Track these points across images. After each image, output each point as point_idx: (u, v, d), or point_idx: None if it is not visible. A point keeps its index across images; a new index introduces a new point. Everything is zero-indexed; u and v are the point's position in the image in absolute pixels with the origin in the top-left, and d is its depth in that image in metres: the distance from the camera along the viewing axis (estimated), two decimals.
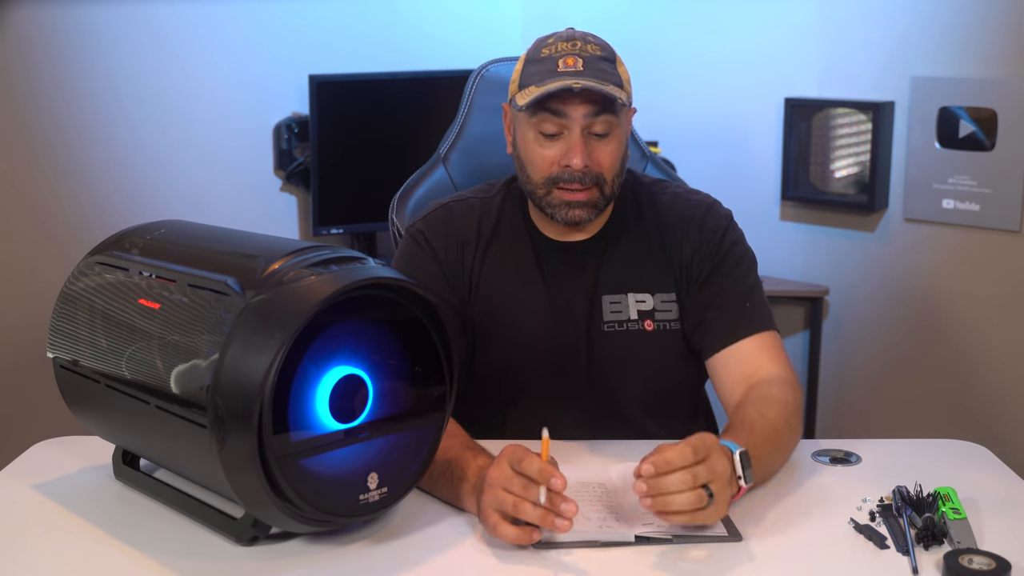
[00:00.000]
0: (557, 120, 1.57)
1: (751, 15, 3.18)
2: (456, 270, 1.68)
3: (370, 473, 1.28)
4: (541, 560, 1.26)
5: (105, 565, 1.27)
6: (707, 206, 1.71)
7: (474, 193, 1.76)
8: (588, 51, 1.58)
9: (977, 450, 1.60)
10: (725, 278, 1.65)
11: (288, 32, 3.12)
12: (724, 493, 1.27)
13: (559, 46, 1.59)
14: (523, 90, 1.58)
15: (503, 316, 1.67)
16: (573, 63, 1.56)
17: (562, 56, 1.57)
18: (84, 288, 1.45)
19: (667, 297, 1.67)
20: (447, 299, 1.65)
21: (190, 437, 1.24)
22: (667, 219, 1.69)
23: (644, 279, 1.67)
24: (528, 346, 1.66)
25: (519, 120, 1.62)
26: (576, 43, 1.59)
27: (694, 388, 1.76)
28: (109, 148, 2.85)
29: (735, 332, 1.62)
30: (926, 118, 2.84)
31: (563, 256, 1.68)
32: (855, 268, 3.08)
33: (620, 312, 1.66)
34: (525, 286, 1.67)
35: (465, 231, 1.69)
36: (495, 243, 1.69)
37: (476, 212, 1.71)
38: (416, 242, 1.70)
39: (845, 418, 3.15)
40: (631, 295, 1.67)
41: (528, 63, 1.61)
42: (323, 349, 1.24)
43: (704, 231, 1.67)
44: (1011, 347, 2.78)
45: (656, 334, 1.66)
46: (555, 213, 1.61)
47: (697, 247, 1.67)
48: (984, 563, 1.20)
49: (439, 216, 1.71)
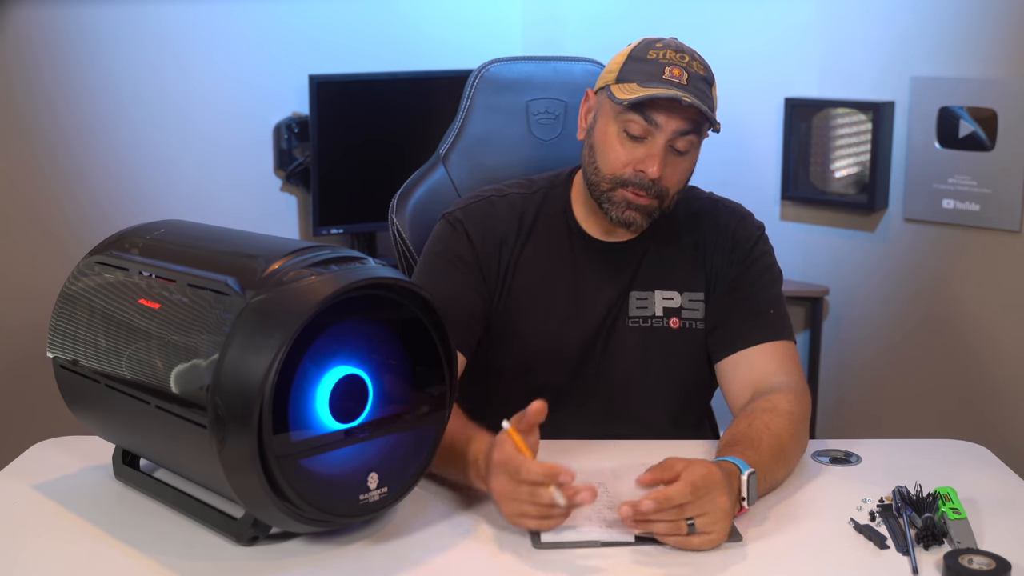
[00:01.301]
0: (646, 125, 1.56)
1: (751, 15, 3.17)
2: (491, 263, 1.67)
3: (370, 473, 1.28)
4: (541, 560, 1.26)
5: (105, 565, 1.27)
6: (741, 215, 1.73)
7: (514, 188, 1.74)
8: (694, 68, 1.58)
9: (977, 450, 1.60)
10: (749, 285, 1.67)
11: (288, 32, 3.11)
12: (719, 526, 1.27)
13: (667, 53, 1.58)
14: (623, 84, 1.57)
15: (529, 311, 1.67)
16: (679, 75, 1.56)
17: (670, 64, 1.57)
18: (84, 288, 1.45)
19: (695, 296, 1.68)
20: (476, 284, 1.65)
21: (190, 437, 1.24)
22: (703, 223, 1.71)
23: (673, 277, 1.68)
24: (547, 342, 1.67)
25: (604, 110, 1.61)
26: (684, 56, 1.58)
27: (707, 389, 1.76)
28: (109, 148, 2.84)
29: (751, 336, 1.63)
30: (926, 118, 2.84)
31: (600, 255, 1.68)
32: (855, 268, 3.08)
33: (646, 308, 1.67)
34: (556, 283, 1.68)
35: (505, 228, 1.69)
36: (532, 242, 1.69)
37: (517, 210, 1.70)
38: (454, 228, 1.69)
39: (845, 418, 3.15)
40: (659, 292, 1.68)
41: (632, 59, 1.59)
42: (323, 349, 1.24)
43: (736, 239, 1.69)
44: (1011, 347, 2.78)
45: (681, 332, 1.67)
46: (612, 210, 1.61)
47: (728, 254, 1.68)
48: (984, 563, 1.20)
49: (479, 208, 1.71)
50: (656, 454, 1.54)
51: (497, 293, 1.68)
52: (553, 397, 1.67)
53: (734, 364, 1.63)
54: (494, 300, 1.68)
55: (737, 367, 1.63)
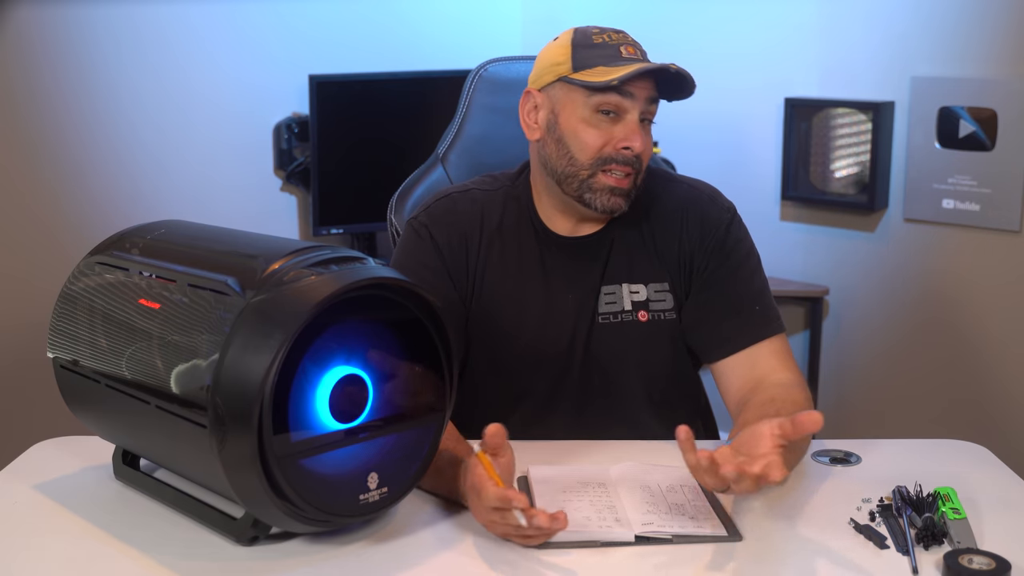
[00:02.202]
0: (621, 100, 1.56)
1: (751, 15, 3.18)
2: (459, 265, 1.66)
3: (370, 473, 1.28)
4: (541, 560, 1.26)
5: (105, 565, 1.27)
6: (708, 196, 1.69)
7: (477, 184, 1.73)
8: (636, 44, 1.61)
9: (977, 450, 1.60)
10: (731, 280, 1.64)
11: (288, 32, 3.12)
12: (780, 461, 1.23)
13: (611, 35, 1.61)
14: (588, 70, 1.57)
15: (503, 313, 1.66)
16: (634, 52, 1.59)
17: (621, 44, 1.59)
18: (84, 288, 1.45)
19: (660, 287, 1.66)
20: (449, 294, 1.64)
21: (190, 437, 1.24)
22: (663, 207, 1.67)
23: (638, 269, 1.66)
24: (526, 344, 1.66)
25: (568, 100, 1.59)
26: (625, 35, 1.62)
27: (691, 381, 1.74)
28: (109, 148, 2.85)
29: (743, 338, 1.62)
30: (926, 118, 2.84)
31: (568, 251, 1.67)
32: (855, 268, 3.08)
33: (615, 304, 1.65)
34: (527, 282, 1.66)
35: (468, 225, 1.67)
36: (498, 238, 1.67)
37: (479, 205, 1.69)
38: (419, 235, 1.67)
39: (845, 418, 3.15)
40: (626, 286, 1.66)
41: (580, 47, 1.59)
42: (323, 349, 1.24)
43: (705, 224, 1.65)
44: (1011, 347, 2.78)
45: (650, 324, 1.65)
46: (595, 200, 1.59)
47: (698, 241, 1.65)
48: (984, 563, 1.20)
49: (442, 207, 1.69)
50: (655, 454, 1.55)
51: (469, 295, 1.67)
52: (534, 399, 1.68)
53: (731, 366, 1.62)
54: (467, 301, 1.67)
55: (734, 369, 1.62)
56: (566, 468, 1.48)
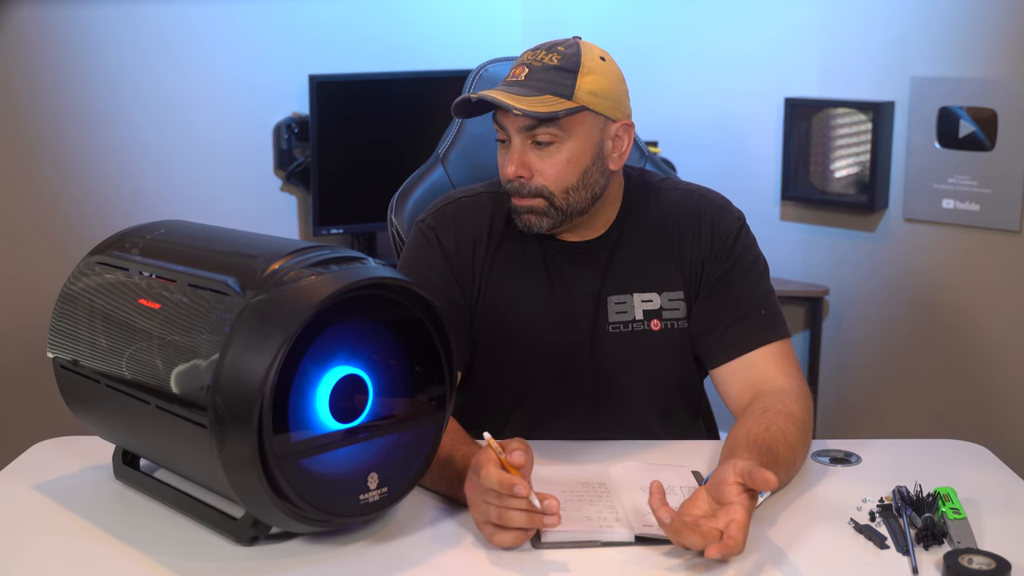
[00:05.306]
0: (502, 128, 1.58)
1: (751, 15, 3.18)
2: (466, 268, 1.66)
3: (370, 473, 1.28)
4: (541, 560, 1.26)
5: (105, 565, 1.27)
6: (719, 205, 1.69)
7: (486, 188, 1.73)
8: (544, 61, 1.56)
9: (977, 450, 1.60)
10: (737, 285, 1.64)
11: (288, 32, 3.12)
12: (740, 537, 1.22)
13: (528, 53, 1.60)
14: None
15: (509, 317, 1.66)
16: (520, 72, 1.57)
17: (519, 64, 1.58)
18: (84, 288, 1.45)
19: (674, 295, 1.65)
20: (454, 297, 1.64)
21: (190, 437, 1.24)
22: (677, 215, 1.67)
23: (651, 278, 1.66)
24: (531, 348, 1.66)
25: None
26: (540, 53, 1.58)
27: (697, 387, 1.75)
28: (109, 148, 2.85)
29: (747, 342, 1.61)
30: (926, 118, 2.85)
31: (570, 256, 1.66)
32: (855, 268, 3.08)
33: (625, 313, 1.65)
34: (531, 286, 1.66)
35: (476, 228, 1.67)
36: (505, 242, 1.67)
37: (487, 208, 1.69)
38: (426, 238, 1.68)
39: (845, 418, 3.15)
40: (636, 295, 1.65)
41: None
42: (323, 349, 1.24)
43: (716, 232, 1.65)
44: (1011, 347, 2.78)
45: (663, 333, 1.65)
46: (516, 218, 1.62)
47: (708, 249, 1.65)
48: (984, 563, 1.20)
49: (450, 211, 1.69)
50: (653, 454, 1.55)
51: (475, 298, 1.66)
52: (539, 402, 1.68)
53: (732, 370, 1.62)
54: (473, 304, 1.66)
55: (735, 373, 1.61)
56: (567, 468, 1.48)
